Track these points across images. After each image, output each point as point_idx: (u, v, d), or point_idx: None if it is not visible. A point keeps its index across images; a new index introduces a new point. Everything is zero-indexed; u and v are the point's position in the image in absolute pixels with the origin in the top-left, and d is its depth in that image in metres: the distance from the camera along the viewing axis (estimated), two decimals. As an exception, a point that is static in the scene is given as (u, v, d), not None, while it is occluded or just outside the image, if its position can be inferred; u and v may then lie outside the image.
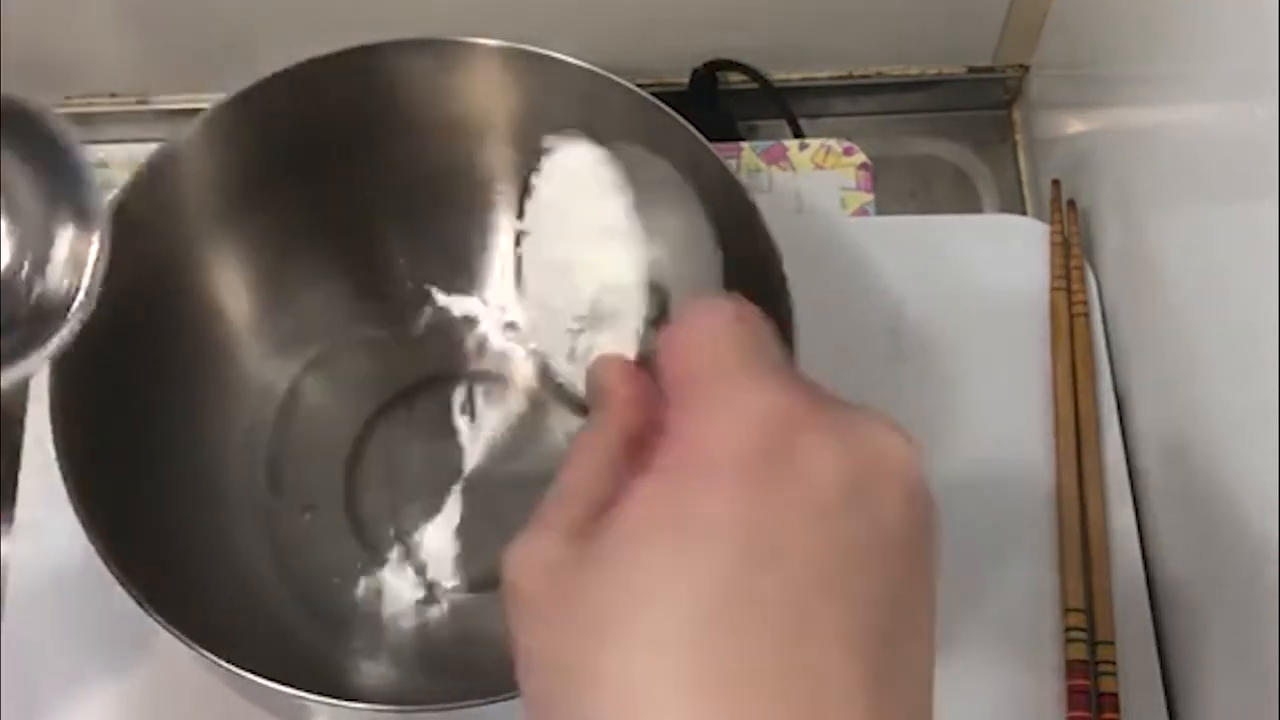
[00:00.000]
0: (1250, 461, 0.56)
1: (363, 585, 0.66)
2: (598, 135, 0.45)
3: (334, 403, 0.70)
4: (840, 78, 0.85)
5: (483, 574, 0.66)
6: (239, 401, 0.68)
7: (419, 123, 0.67)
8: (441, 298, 0.72)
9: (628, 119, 0.64)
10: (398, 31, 0.64)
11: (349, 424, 0.69)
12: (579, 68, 0.63)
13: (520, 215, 0.48)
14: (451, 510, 0.67)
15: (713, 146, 0.62)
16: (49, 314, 0.46)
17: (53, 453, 0.56)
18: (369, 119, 0.66)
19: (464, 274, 0.72)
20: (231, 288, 0.68)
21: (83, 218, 0.47)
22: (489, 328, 0.71)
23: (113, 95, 0.85)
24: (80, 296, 0.46)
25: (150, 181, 0.61)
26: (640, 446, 0.35)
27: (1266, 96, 0.51)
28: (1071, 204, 0.75)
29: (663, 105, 0.63)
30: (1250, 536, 0.56)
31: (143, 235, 0.62)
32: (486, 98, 0.66)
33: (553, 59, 0.63)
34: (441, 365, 0.71)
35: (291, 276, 0.70)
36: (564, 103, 0.65)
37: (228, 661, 0.53)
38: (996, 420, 0.71)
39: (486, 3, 0.74)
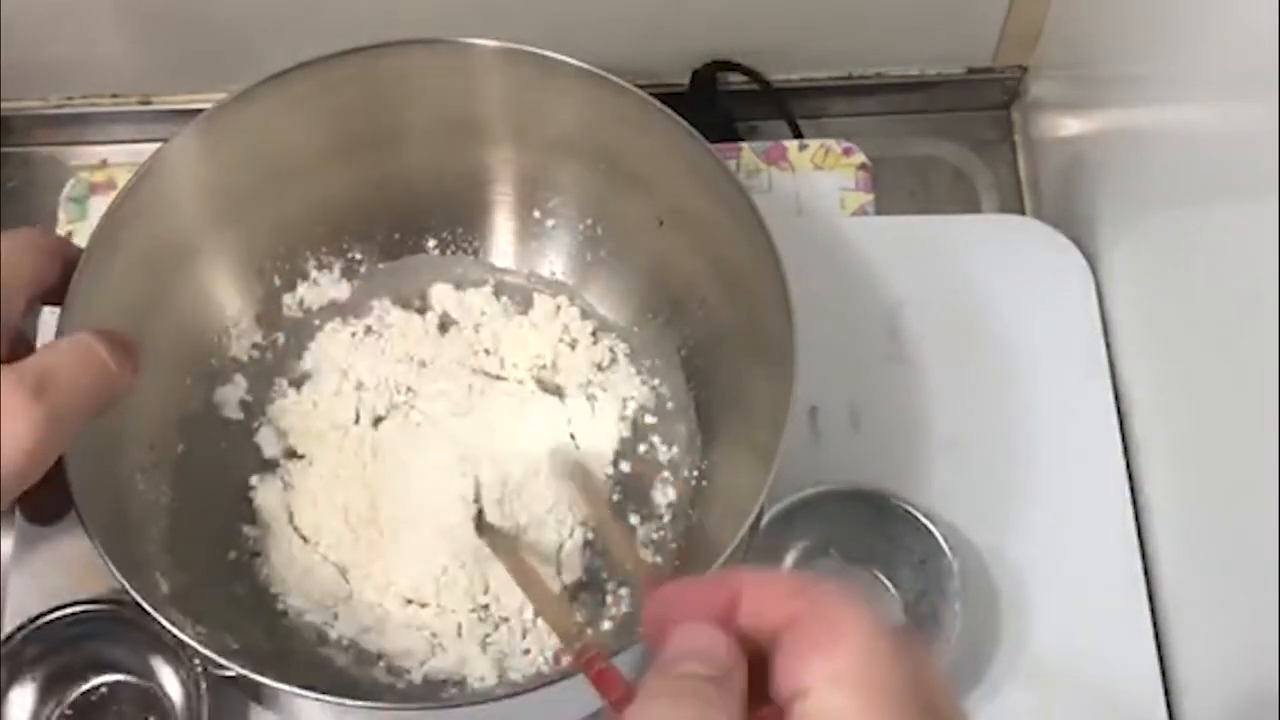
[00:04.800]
0: (1250, 458, 0.56)
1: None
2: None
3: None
4: (840, 78, 0.85)
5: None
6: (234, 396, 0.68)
7: (420, 124, 0.67)
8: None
9: (627, 120, 0.64)
10: (397, 33, 0.64)
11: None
12: (579, 69, 0.63)
13: None
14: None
15: (712, 147, 0.62)
16: None
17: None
18: (369, 120, 0.66)
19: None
20: (230, 285, 0.68)
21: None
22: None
23: (114, 95, 0.85)
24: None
25: (151, 181, 0.62)
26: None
27: (1266, 96, 0.51)
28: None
29: (663, 106, 0.63)
30: (1249, 534, 0.56)
31: (144, 234, 0.62)
32: (488, 99, 0.66)
33: (554, 60, 0.63)
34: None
35: (290, 275, 0.70)
36: (564, 104, 0.65)
37: (226, 657, 0.54)
38: (995, 418, 0.71)
39: (487, 4, 0.74)
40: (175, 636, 0.53)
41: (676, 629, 0.38)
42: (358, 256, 0.71)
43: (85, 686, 0.66)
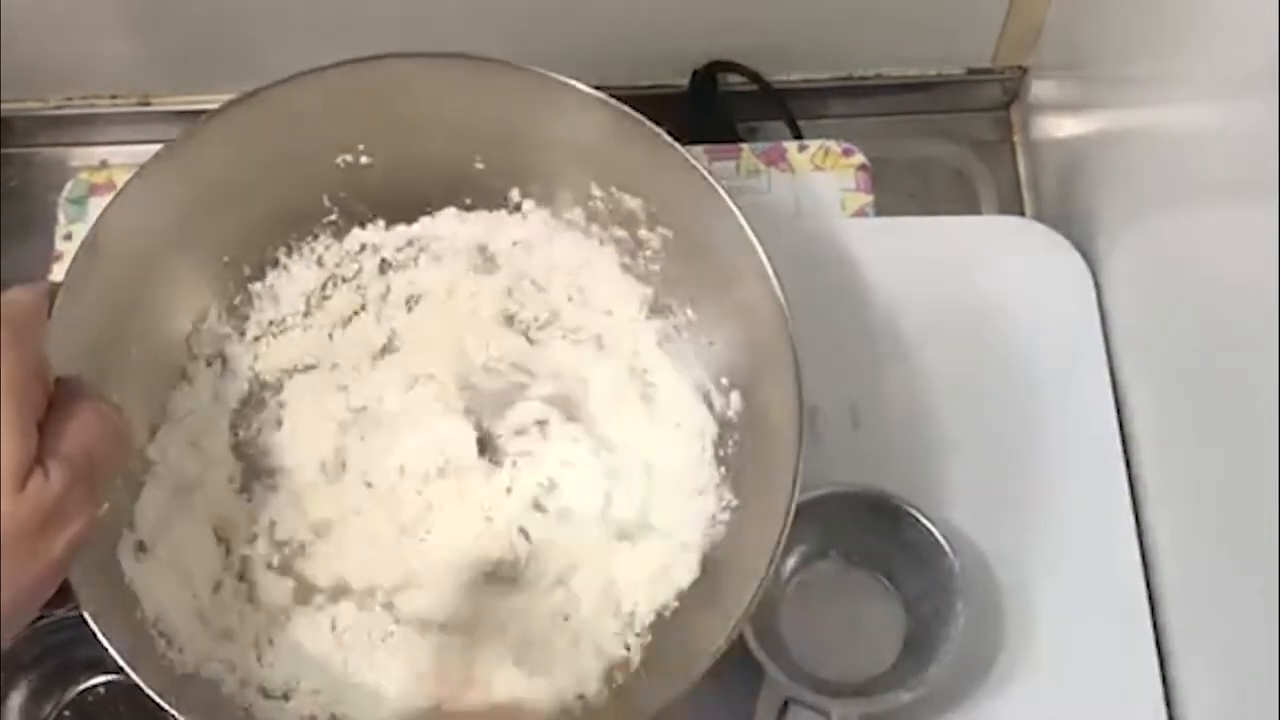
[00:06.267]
0: (1249, 457, 0.56)
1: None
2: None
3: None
4: (839, 79, 0.86)
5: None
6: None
7: (418, 128, 0.67)
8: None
9: (612, 131, 0.63)
10: (393, 36, 0.64)
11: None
12: (560, 83, 0.62)
13: None
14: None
15: (709, 149, 0.62)
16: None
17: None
18: (367, 123, 0.66)
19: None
20: (231, 285, 0.68)
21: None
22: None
23: (113, 96, 0.85)
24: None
25: (152, 181, 0.61)
26: None
27: (1266, 96, 0.51)
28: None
29: (643, 118, 0.61)
30: (1249, 534, 0.56)
31: (145, 234, 0.62)
32: (487, 106, 0.66)
33: (536, 74, 0.62)
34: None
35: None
36: (548, 117, 0.64)
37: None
38: (995, 418, 0.71)
39: (486, 8, 0.74)
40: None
41: None
42: (327, 244, 0.70)
43: (82, 687, 0.65)
